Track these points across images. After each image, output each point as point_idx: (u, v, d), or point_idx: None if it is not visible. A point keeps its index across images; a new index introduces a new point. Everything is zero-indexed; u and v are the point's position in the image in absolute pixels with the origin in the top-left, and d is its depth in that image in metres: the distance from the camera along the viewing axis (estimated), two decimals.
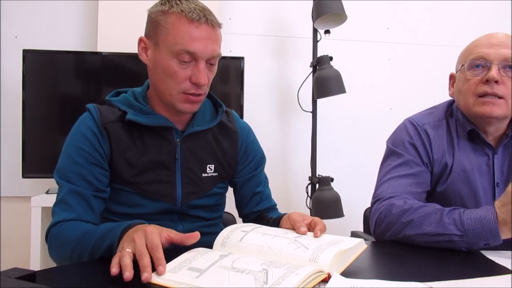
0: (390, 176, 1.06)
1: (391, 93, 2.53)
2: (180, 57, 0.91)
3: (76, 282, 0.69)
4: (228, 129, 1.09)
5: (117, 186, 0.98)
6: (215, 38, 0.94)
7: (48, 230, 0.93)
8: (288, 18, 2.44)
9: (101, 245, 0.80)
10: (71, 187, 0.93)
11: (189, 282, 0.63)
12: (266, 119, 2.42)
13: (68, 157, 0.95)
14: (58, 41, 2.20)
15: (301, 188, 2.26)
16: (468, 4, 2.61)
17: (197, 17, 0.90)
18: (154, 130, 0.98)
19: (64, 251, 0.87)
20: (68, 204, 0.92)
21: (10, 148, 2.14)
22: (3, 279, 0.55)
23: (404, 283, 0.64)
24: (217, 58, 0.96)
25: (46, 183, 2.07)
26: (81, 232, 0.86)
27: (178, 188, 1.00)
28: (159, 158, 0.98)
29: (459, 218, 0.88)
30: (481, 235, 0.86)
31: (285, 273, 0.61)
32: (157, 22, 0.93)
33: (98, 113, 0.97)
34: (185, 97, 0.94)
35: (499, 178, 1.06)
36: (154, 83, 0.99)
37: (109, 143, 0.95)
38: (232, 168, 1.10)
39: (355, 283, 0.62)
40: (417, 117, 1.14)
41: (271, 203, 1.18)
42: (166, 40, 0.91)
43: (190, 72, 0.92)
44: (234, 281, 0.61)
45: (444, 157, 1.07)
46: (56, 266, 0.95)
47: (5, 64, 2.16)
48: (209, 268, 0.66)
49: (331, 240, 0.78)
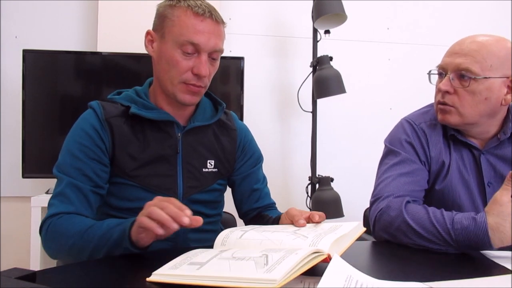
0: (388, 175, 1.06)
1: (391, 93, 2.53)
2: (184, 48, 0.95)
3: (76, 282, 0.69)
4: (227, 127, 1.12)
5: (119, 180, 0.99)
6: (218, 33, 0.98)
7: (44, 221, 0.92)
8: (288, 18, 2.44)
9: (109, 237, 0.81)
10: (70, 180, 0.94)
11: (190, 273, 0.63)
12: (266, 119, 2.42)
13: (68, 152, 0.96)
14: (58, 41, 2.20)
15: (301, 188, 2.26)
16: (468, 4, 2.61)
17: (202, 12, 0.95)
18: (156, 124, 1.01)
19: (64, 243, 0.87)
20: (67, 197, 0.93)
21: (10, 148, 2.14)
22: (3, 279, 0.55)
23: (404, 283, 0.64)
24: (219, 53, 1.00)
25: (46, 183, 2.08)
26: (84, 226, 0.86)
27: (180, 182, 1.02)
28: (161, 152, 1.01)
29: (452, 228, 0.88)
30: (473, 248, 0.87)
31: (285, 255, 0.62)
32: (164, 15, 0.97)
33: (101, 108, 0.99)
34: (185, 87, 0.98)
35: (492, 177, 1.06)
36: (158, 74, 1.02)
37: (111, 137, 0.97)
38: (231, 165, 1.12)
39: (354, 272, 0.62)
40: (413, 116, 1.15)
41: (270, 201, 1.19)
42: (171, 32, 0.96)
43: (193, 64, 0.96)
44: (235, 268, 0.62)
45: (441, 155, 1.08)
46: (56, 266, 0.95)
47: (5, 64, 2.16)
48: (210, 261, 0.67)
49: (329, 227, 0.79)
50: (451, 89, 1.02)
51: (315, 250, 0.64)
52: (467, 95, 1.00)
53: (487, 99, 1.00)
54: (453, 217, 0.89)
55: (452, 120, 1.03)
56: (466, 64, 0.98)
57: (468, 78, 0.99)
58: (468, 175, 1.07)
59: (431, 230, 0.89)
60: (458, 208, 1.05)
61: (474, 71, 0.98)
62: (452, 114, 1.03)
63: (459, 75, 1.00)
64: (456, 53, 1.01)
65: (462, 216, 0.88)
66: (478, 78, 0.98)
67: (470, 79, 0.98)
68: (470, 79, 0.98)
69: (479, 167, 1.07)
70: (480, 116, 1.02)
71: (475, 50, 0.98)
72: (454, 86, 1.01)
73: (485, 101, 1.00)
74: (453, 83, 1.01)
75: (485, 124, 1.05)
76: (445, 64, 1.03)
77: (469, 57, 0.98)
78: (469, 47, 0.99)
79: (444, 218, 0.89)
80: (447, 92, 1.02)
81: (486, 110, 1.01)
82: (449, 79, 1.02)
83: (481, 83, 0.98)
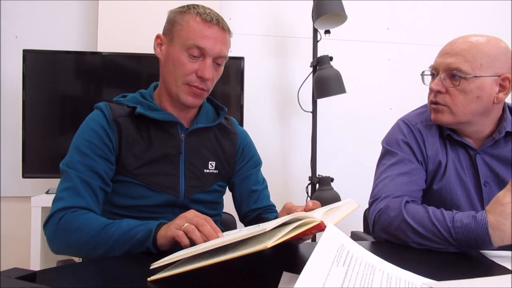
0: (386, 175, 1.07)
1: (391, 93, 2.53)
2: (190, 51, 1.00)
3: (76, 282, 0.69)
4: (228, 131, 1.17)
5: (122, 178, 1.01)
6: (224, 40, 1.03)
7: (53, 214, 0.91)
8: (288, 18, 2.44)
9: (133, 235, 0.83)
10: (80, 175, 0.95)
11: (187, 251, 0.64)
12: (266, 119, 2.42)
13: (76, 150, 0.98)
14: (58, 41, 2.20)
15: (301, 188, 2.26)
16: (468, 4, 2.61)
17: (210, 19, 1.00)
18: (161, 125, 1.05)
19: (77, 238, 0.87)
20: (78, 191, 0.93)
21: (10, 148, 2.14)
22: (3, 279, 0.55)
23: (391, 265, 0.64)
24: (223, 59, 1.05)
25: (46, 183, 2.08)
26: (102, 223, 0.87)
27: (182, 181, 1.05)
28: (164, 152, 1.04)
29: (452, 226, 0.88)
30: (473, 246, 0.87)
31: (278, 222, 0.63)
32: (174, 20, 1.03)
33: (109, 108, 1.03)
34: (188, 89, 1.02)
35: (489, 177, 1.07)
36: (163, 76, 1.06)
37: (118, 136, 1.00)
38: (231, 167, 1.15)
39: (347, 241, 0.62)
40: (409, 117, 1.16)
41: (269, 203, 1.20)
42: (180, 35, 1.01)
43: (197, 67, 1.01)
44: (230, 239, 0.63)
45: (438, 155, 1.08)
46: (56, 266, 0.95)
47: (5, 64, 2.16)
48: (204, 243, 0.69)
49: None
50: (442, 89, 1.03)
51: (308, 216, 0.64)
52: (459, 94, 1.01)
53: (479, 98, 1.01)
54: (453, 215, 0.89)
55: (445, 119, 1.04)
56: (456, 64, 1.00)
57: (459, 77, 1.00)
58: (465, 175, 1.07)
59: (431, 229, 0.89)
60: (455, 208, 1.05)
61: (464, 70, 0.99)
62: (445, 113, 1.04)
63: (450, 75, 1.02)
64: (447, 53, 1.03)
65: (462, 214, 0.89)
66: (469, 77, 0.99)
67: (461, 78, 1.00)
68: (461, 78, 1.00)
69: (475, 167, 1.07)
70: (473, 115, 1.03)
71: (465, 50, 1.00)
72: (446, 86, 1.03)
73: (476, 99, 1.01)
74: (445, 82, 1.03)
75: (479, 123, 1.06)
76: (436, 64, 1.05)
77: (460, 56, 1.00)
78: (459, 47, 1.01)
79: (444, 216, 0.89)
80: (439, 91, 1.03)
81: (479, 109, 1.02)
82: (440, 79, 1.03)
83: (472, 82, 0.99)
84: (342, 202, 0.81)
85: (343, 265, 0.55)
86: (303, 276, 0.48)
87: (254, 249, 0.57)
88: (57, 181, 0.97)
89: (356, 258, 0.59)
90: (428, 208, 0.93)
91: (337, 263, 0.54)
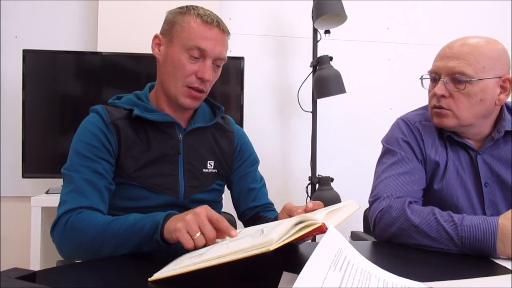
0: (387, 175, 1.07)
1: (391, 93, 2.53)
2: (191, 52, 1.00)
3: (76, 282, 0.69)
4: (225, 130, 1.17)
5: (122, 180, 1.00)
6: (223, 42, 1.04)
7: (59, 218, 0.90)
8: (288, 18, 2.44)
9: (141, 228, 0.81)
10: (83, 176, 0.94)
11: (193, 261, 0.64)
12: (266, 119, 2.42)
13: (76, 153, 0.97)
14: (58, 41, 2.20)
15: (301, 188, 2.26)
16: (468, 4, 2.61)
17: (210, 20, 1.01)
18: (158, 126, 1.04)
19: (84, 238, 0.85)
20: (82, 192, 0.93)
21: (10, 148, 2.14)
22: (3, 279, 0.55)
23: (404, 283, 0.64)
24: (223, 61, 1.05)
25: (46, 183, 2.07)
26: (107, 219, 0.86)
27: (181, 182, 1.05)
28: (163, 152, 1.03)
29: (460, 224, 0.87)
30: (477, 248, 0.85)
31: (280, 223, 0.63)
32: (174, 21, 1.03)
33: (106, 111, 1.02)
34: (188, 91, 1.02)
35: (489, 178, 1.06)
36: (162, 77, 1.06)
37: (117, 139, 1.00)
38: (229, 166, 1.16)
39: (345, 246, 0.62)
40: (409, 116, 1.17)
41: (268, 201, 1.20)
42: (180, 36, 1.01)
43: (197, 68, 1.01)
44: (233, 245, 0.63)
45: (437, 155, 1.08)
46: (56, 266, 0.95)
47: (5, 64, 2.16)
48: (209, 249, 0.68)
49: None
50: (446, 93, 1.03)
51: (310, 218, 0.64)
52: (463, 97, 1.01)
53: (482, 100, 1.01)
54: (463, 216, 0.89)
55: (449, 123, 1.04)
56: (460, 68, 0.99)
57: (463, 81, 1.00)
58: (465, 176, 1.07)
59: (436, 227, 0.89)
60: (455, 208, 1.05)
61: (468, 73, 0.99)
62: (449, 117, 1.04)
63: (453, 79, 1.01)
64: (448, 57, 1.02)
65: (473, 216, 0.88)
66: (473, 80, 0.99)
67: (466, 82, 0.99)
68: (466, 82, 0.99)
69: (476, 168, 1.07)
70: (476, 117, 1.03)
71: (467, 53, 0.99)
72: (449, 90, 1.02)
73: (480, 102, 1.01)
74: (448, 86, 1.02)
75: (480, 125, 1.06)
76: (437, 68, 1.04)
77: (462, 60, 0.99)
78: (460, 50, 1.00)
79: (451, 216, 0.89)
80: (443, 96, 1.03)
81: (482, 111, 1.02)
82: (443, 83, 1.02)
83: (476, 85, 0.99)
84: (343, 203, 0.81)
85: (340, 270, 0.55)
86: (301, 278, 0.49)
87: (256, 252, 0.58)
88: (57, 181, 0.97)
89: (353, 264, 0.59)
90: (434, 208, 0.93)
91: (334, 267, 0.55)
